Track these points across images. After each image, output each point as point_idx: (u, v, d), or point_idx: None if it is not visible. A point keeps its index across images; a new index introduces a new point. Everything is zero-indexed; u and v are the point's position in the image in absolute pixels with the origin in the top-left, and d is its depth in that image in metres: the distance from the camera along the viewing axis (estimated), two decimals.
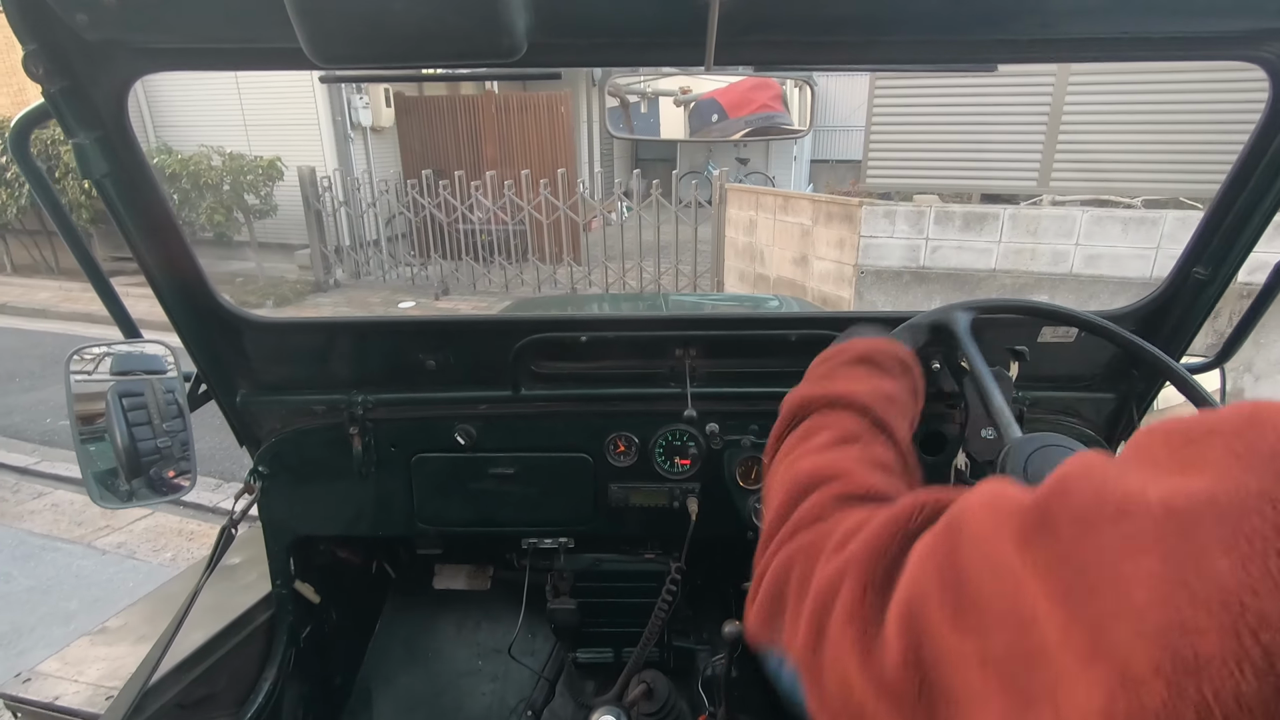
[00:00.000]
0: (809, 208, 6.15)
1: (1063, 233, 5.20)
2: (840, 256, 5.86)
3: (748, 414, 1.38)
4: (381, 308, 8.11)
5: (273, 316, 1.34)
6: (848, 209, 5.72)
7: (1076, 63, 0.80)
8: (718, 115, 0.97)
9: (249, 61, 0.96)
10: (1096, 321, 1.05)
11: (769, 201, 6.64)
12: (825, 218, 5.97)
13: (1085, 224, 5.17)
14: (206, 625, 1.35)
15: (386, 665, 1.79)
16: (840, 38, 0.90)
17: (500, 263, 8.34)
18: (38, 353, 6.75)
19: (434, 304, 8.17)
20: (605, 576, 1.65)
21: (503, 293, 8.31)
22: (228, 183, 8.16)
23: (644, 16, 0.83)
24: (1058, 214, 5.26)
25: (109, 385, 1.18)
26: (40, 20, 0.83)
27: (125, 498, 1.21)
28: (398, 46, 0.70)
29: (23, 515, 3.88)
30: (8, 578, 3.31)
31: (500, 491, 1.43)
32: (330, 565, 1.65)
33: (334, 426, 1.37)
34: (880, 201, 5.84)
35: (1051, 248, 5.25)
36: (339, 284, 8.92)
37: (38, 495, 4.08)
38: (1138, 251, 5.10)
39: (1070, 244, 5.22)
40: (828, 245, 5.97)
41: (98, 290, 1.17)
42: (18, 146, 1.01)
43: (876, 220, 5.59)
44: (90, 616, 2.98)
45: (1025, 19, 0.84)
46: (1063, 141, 5.54)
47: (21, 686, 1.23)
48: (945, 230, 5.46)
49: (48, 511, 3.89)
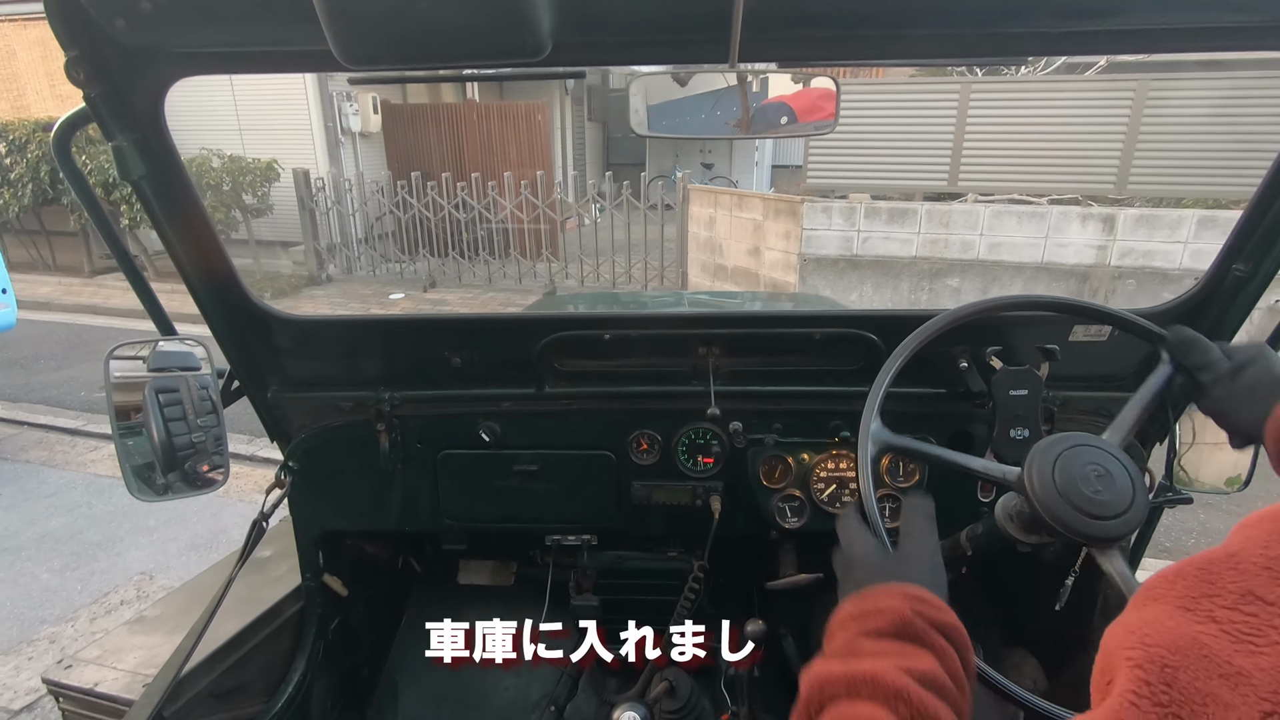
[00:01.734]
0: (760, 205, 7.04)
1: (969, 225, 6.16)
2: (787, 247, 6.74)
3: (771, 413, 1.38)
4: (374, 299, 8.77)
5: (303, 314, 1.36)
6: (792, 205, 6.61)
7: (1108, 55, 0.79)
8: (787, 118, 0.97)
9: (281, 64, 0.98)
10: (1015, 301, 1.03)
11: (726, 200, 7.51)
12: (774, 213, 6.85)
13: (988, 218, 6.13)
14: (238, 616, 1.38)
15: (412, 658, 1.77)
16: (866, 32, 0.89)
17: (484, 258, 9.06)
18: (54, 339, 7.30)
19: (423, 295, 8.86)
20: (628, 574, 1.65)
21: (486, 285, 9.03)
22: (227, 183, 8.76)
23: (668, 15, 0.83)
24: (964, 209, 6.21)
25: (146, 382, 1.20)
26: (81, 27, 0.85)
27: (161, 491, 1.22)
28: (425, 47, 0.70)
29: (86, 463, 4.52)
30: (90, 505, 3.97)
31: (524, 488, 1.44)
32: (358, 559, 1.67)
33: (362, 423, 1.39)
34: (819, 199, 6.75)
35: (961, 238, 6.20)
36: (331, 278, 9.55)
37: (94, 448, 4.71)
38: (1030, 240, 6.08)
39: (976, 234, 6.17)
40: (776, 237, 6.85)
41: (135, 288, 1.21)
42: (60, 149, 1.02)
43: (816, 215, 6.49)
44: (168, 530, 3.67)
45: (1055, 12, 0.83)
46: (968, 146, 6.50)
47: (64, 673, 1.25)
48: (873, 223, 6.38)
49: (108, 460, 4.54)
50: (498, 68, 1.06)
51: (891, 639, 0.57)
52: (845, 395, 1.34)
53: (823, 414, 1.37)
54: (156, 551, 3.51)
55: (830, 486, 1.39)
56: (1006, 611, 1.66)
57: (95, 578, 3.31)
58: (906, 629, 0.58)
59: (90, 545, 3.58)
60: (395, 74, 1.84)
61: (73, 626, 2.98)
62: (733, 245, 7.44)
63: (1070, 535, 0.77)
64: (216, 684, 1.28)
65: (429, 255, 9.17)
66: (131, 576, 3.32)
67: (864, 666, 0.53)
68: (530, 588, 1.75)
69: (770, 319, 1.43)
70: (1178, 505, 1.15)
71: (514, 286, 8.86)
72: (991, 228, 6.13)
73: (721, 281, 7.63)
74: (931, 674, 0.54)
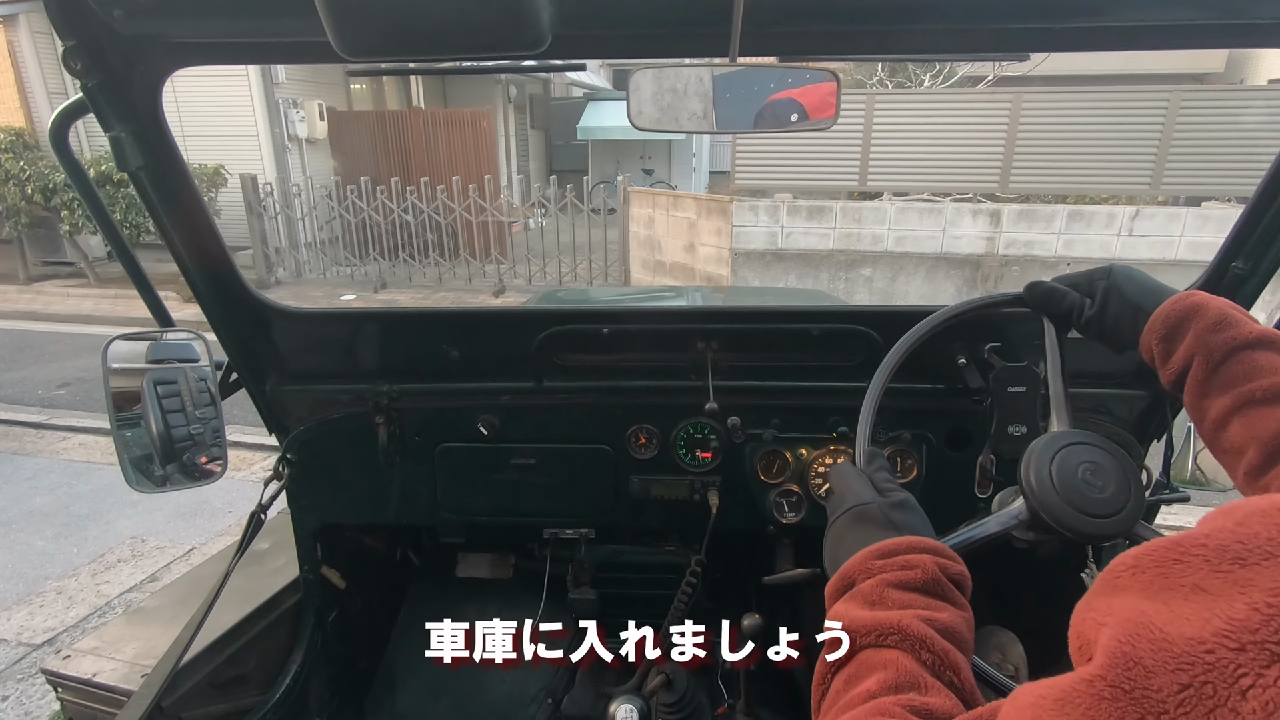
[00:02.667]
0: (694, 205, 7.66)
1: (878, 221, 6.91)
2: (719, 243, 7.37)
3: (769, 408, 1.37)
4: (324, 300, 9.00)
5: (301, 307, 1.35)
6: (723, 205, 7.25)
7: (1109, 51, 0.91)
8: (798, 115, 0.96)
9: (279, 55, 0.99)
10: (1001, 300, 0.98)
11: (663, 201, 8.11)
12: (707, 212, 7.48)
13: (893, 214, 6.90)
14: (236, 608, 1.38)
15: (409, 650, 1.78)
16: (867, 27, 0.89)
17: (434, 259, 9.40)
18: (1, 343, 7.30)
19: (374, 296, 9.14)
20: (625, 568, 1.66)
21: (437, 285, 9.37)
22: None
23: (669, 8, 0.83)
24: (874, 206, 6.97)
25: (145, 374, 1.19)
26: (78, 16, 0.84)
27: (160, 483, 1.21)
28: (423, 39, 0.70)
29: (58, 451, 4.72)
30: (70, 485, 4.20)
31: (522, 482, 1.44)
32: (356, 551, 1.66)
33: (360, 415, 1.39)
34: (747, 198, 7.41)
35: (871, 232, 6.95)
36: (280, 281, 9.71)
37: (63, 439, 4.90)
38: (930, 234, 6.88)
39: (885, 229, 6.94)
40: (709, 234, 7.47)
41: (134, 280, 1.20)
42: (57, 140, 1.02)
43: (745, 213, 7.14)
44: (152, 502, 3.95)
45: (1052, 9, 0.83)
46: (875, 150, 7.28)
47: (62, 663, 1.25)
48: (795, 220, 7.07)
49: (78, 448, 4.75)
50: (497, 60, 1.05)
51: (918, 593, 0.61)
52: (843, 391, 1.35)
53: (821, 409, 1.38)
54: (144, 519, 3.80)
55: (828, 482, 1.37)
56: (1001, 608, 1.71)
57: (89, 543, 3.59)
58: (934, 585, 0.62)
59: (79, 517, 3.84)
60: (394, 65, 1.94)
61: (76, 581, 3.28)
62: (670, 242, 8.04)
63: (1068, 534, 0.78)
64: (215, 675, 1.29)
65: (379, 258, 9.45)
66: (124, 540, 3.61)
67: (891, 617, 0.57)
68: (528, 581, 1.76)
69: (769, 314, 1.45)
70: (1174, 504, 1.16)
71: (464, 287, 9.23)
72: (897, 223, 6.91)
73: (661, 276, 8.22)
74: (951, 625, 0.58)
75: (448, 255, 9.39)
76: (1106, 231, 6.56)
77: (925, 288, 6.96)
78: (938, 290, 6.92)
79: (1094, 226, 6.58)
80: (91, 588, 3.23)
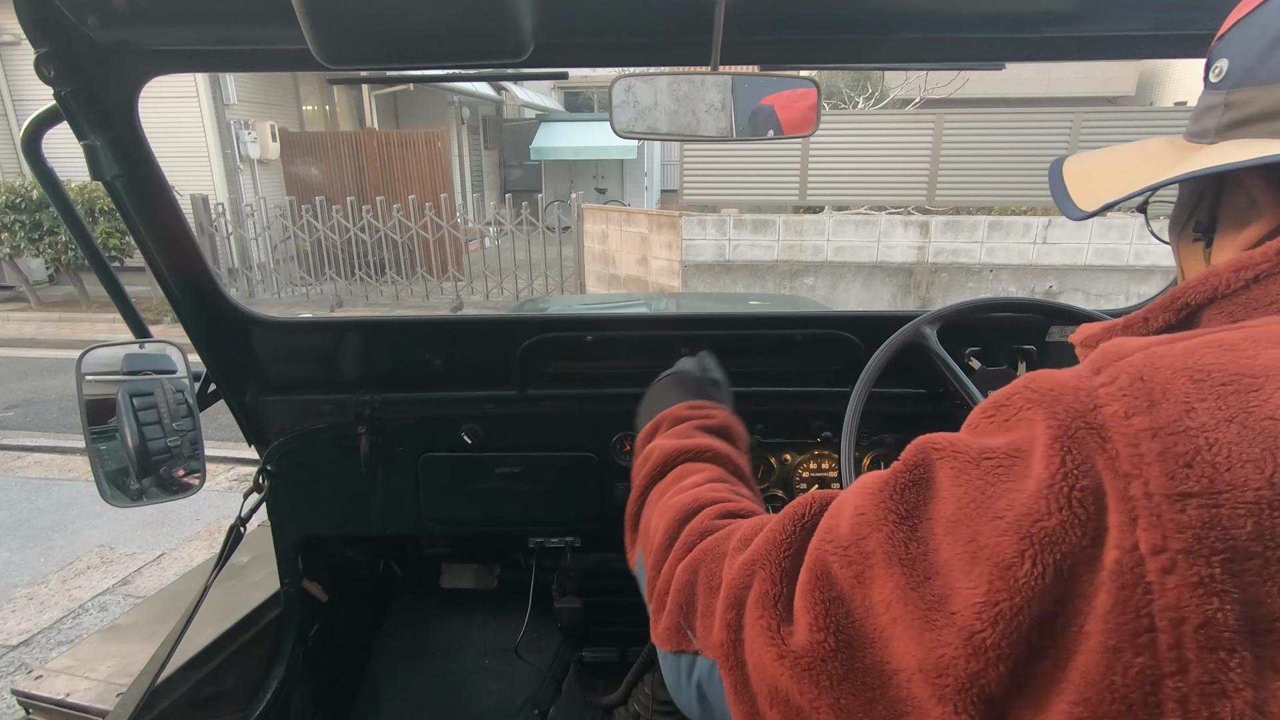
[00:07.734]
0: (646, 220, 8.00)
1: (818, 233, 7.37)
2: (670, 255, 7.72)
3: (753, 414, 1.36)
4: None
5: (281, 316, 1.34)
6: (673, 219, 7.61)
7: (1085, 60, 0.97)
8: (778, 125, 0.96)
9: (257, 62, 0.97)
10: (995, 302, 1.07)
11: (616, 217, 8.43)
12: (658, 227, 7.82)
13: (832, 226, 7.36)
14: (215, 623, 1.35)
15: (394, 663, 1.77)
16: (847, 36, 0.91)
17: (391, 277, 9.49)
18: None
19: (330, 315, 9.17)
20: (611, 576, 1.64)
21: (394, 303, 9.46)
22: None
23: (651, 16, 0.84)
24: (813, 219, 7.43)
25: (119, 385, 1.17)
26: (52, 23, 0.83)
27: (136, 496, 1.19)
28: (405, 47, 0.70)
29: (13, 469, 4.69)
30: (30, 500, 4.20)
31: (507, 491, 1.43)
32: (338, 564, 1.65)
33: (342, 426, 1.38)
34: (695, 213, 7.78)
35: (812, 243, 7.40)
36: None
37: (17, 457, 4.87)
38: (866, 244, 7.36)
39: (824, 240, 7.39)
40: (660, 248, 7.81)
41: (109, 290, 1.18)
42: (29, 148, 1.01)
43: (693, 227, 7.51)
44: (117, 512, 4.00)
45: (1031, 19, 0.86)
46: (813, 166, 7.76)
47: (34, 683, 1.21)
48: (741, 233, 7.47)
49: (35, 466, 4.73)
50: (479, 68, 1.05)
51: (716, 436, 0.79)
52: (827, 396, 1.36)
53: (805, 415, 1.38)
54: (111, 528, 3.85)
55: (813, 487, 1.39)
56: None
57: (57, 551, 3.63)
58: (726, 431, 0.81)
59: (42, 529, 3.87)
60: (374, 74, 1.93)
61: (46, 587, 3.33)
62: (624, 256, 8.35)
63: None
64: (193, 692, 1.26)
65: (335, 276, 9.49)
66: (93, 548, 3.66)
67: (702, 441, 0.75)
68: (514, 591, 1.74)
69: (752, 320, 1.43)
70: None
71: (421, 303, 9.33)
72: (836, 234, 7.37)
73: (615, 288, 8.51)
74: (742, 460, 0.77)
75: (404, 273, 9.50)
76: (1024, 240, 7.15)
77: (863, 294, 7.42)
78: (874, 296, 7.39)
79: (1012, 235, 7.16)
80: (63, 592, 3.28)
